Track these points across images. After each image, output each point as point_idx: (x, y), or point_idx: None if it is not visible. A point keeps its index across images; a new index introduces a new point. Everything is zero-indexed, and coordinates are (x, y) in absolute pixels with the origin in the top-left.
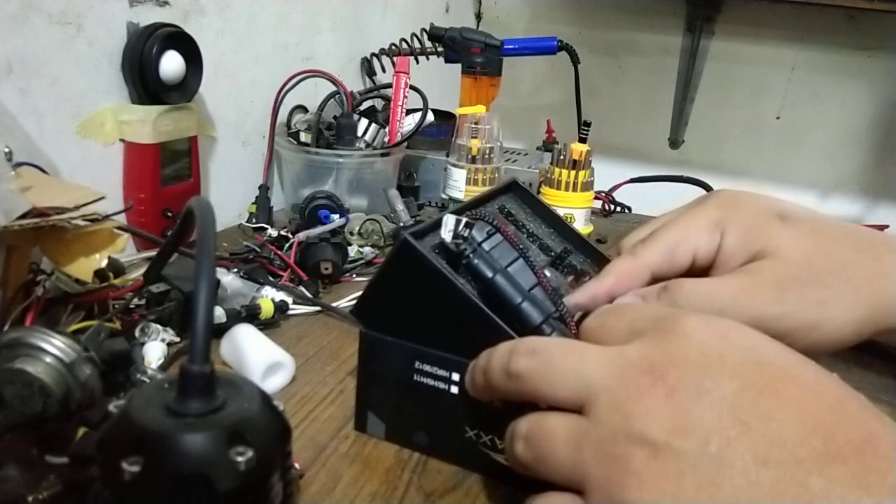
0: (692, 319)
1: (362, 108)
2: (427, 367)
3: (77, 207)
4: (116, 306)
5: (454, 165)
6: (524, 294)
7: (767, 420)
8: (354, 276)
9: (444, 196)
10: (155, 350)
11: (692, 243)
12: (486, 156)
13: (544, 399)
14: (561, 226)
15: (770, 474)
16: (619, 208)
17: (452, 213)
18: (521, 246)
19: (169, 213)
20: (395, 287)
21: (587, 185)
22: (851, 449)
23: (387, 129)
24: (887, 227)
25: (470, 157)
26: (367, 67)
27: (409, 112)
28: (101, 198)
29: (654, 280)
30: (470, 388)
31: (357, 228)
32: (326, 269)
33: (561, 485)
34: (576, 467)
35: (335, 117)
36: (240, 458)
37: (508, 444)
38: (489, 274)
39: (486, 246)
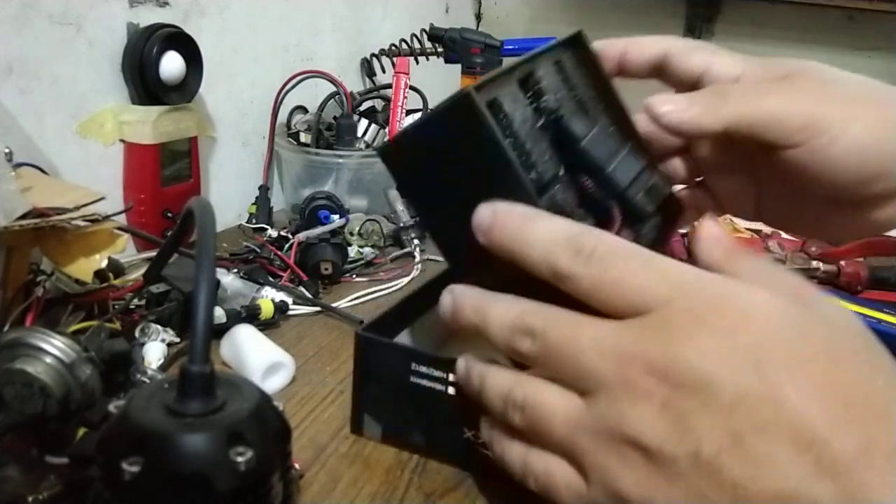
0: (696, 309)
1: (362, 108)
2: (423, 369)
3: (77, 208)
4: (116, 307)
5: None
6: (611, 157)
7: (760, 433)
8: (354, 276)
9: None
10: (155, 350)
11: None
12: None
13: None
14: (620, 113)
15: (757, 488)
16: None
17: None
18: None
19: (169, 214)
20: (436, 140)
21: None
22: (844, 463)
23: (387, 130)
24: None
25: None
26: (367, 68)
27: (409, 112)
28: (101, 198)
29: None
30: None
31: (357, 229)
32: (326, 269)
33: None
34: (572, 447)
35: (335, 118)
36: (239, 459)
37: (500, 404)
38: (580, 134)
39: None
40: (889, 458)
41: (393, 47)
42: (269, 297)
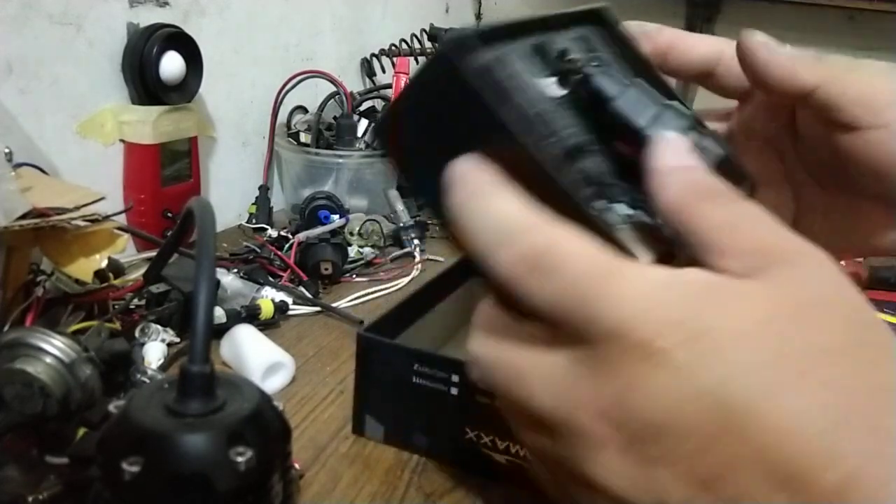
0: (654, 342)
1: (362, 108)
2: (426, 370)
3: (77, 208)
4: (116, 307)
5: None
6: (651, 118)
7: (730, 475)
8: (354, 276)
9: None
10: (155, 350)
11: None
12: None
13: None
14: (662, 87)
15: None
16: None
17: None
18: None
19: (169, 214)
20: (427, 108)
21: None
22: (826, 498)
23: None
24: None
25: None
26: (367, 68)
27: None
28: (101, 198)
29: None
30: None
31: (357, 229)
32: (326, 269)
33: None
34: (545, 465)
35: (335, 118)
36: (240, 459)
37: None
38: (613, 92)
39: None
40: (878, 488)
41: (393, 47)
42: (269, 297)
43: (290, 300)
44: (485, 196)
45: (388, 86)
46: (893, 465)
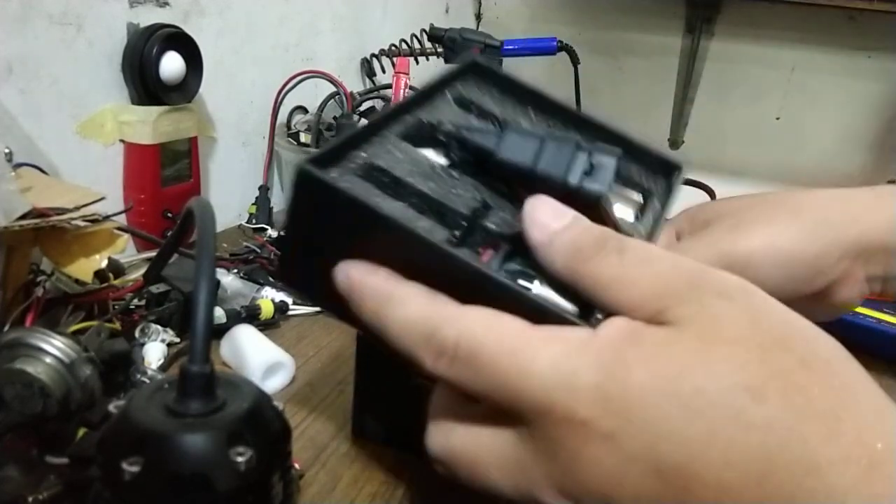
0: (577, 414)
1: (362, 108)
2: None
3: (77, 208)
4: (116, 307)
5: None
6: (535, 154)
7: None
8: None
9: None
10: (155, 350)
11: None
12: None
13: None
14: (553, 108)
15: None
16: None
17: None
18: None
19: (169, 214)
20: (313, 233)
21: None
22: None
23: None
24: None
25: None
26: (367, 68)
27: None
28: (101, 198)
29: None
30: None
31: None
32: None
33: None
34: (521, 490)
35: (335, 118)
36: (240, 459)
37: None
38: (491, 146)
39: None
40: None
41: (393, 47)
42: (269, 297)
43: (290, 300)
44: (389, 301)
45: (388, 86)
46: (840, 496)
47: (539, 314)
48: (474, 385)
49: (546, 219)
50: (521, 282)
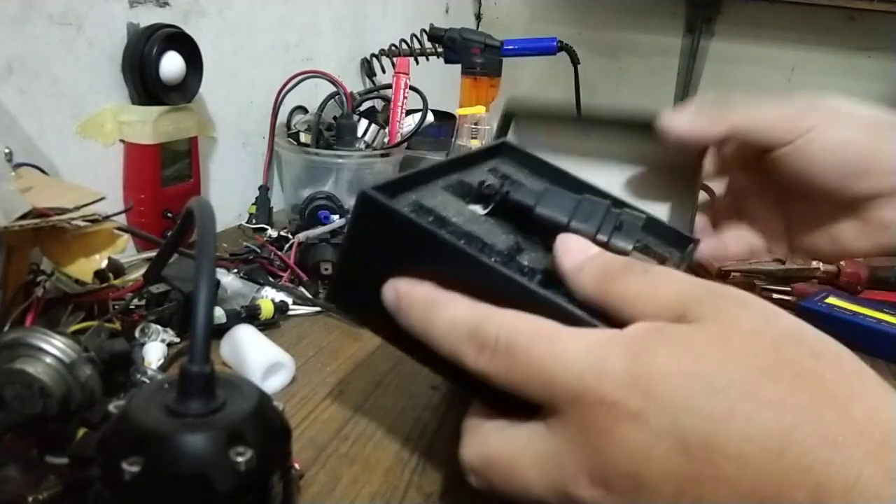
0: (607, 398)
1: (362, 108)
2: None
3: (77, 208)
4: (116, 307)
5: None
6: (570, 212)
7: None
8: None
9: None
10: (155, 350)
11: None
12: None
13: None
14: (577, 185)
15: None
16: None
17: (430, 170)
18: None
19: (169, 214)
20: (367, 255)
21: None
22: None
23: (387, 130)
24: None
25: None
26: (367, 68)
27: (408, 113)
28: (101, 198)
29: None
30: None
31: None
32: (326, 269)
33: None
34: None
35: (335, 118)
36: (240, 459)
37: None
38: (531, 202)
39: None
40: (847, 491)
41: (393, 47)
42: (269, 298)
43: (290, 300)
44: (435, 306)
45: (388, 86)
46: (856, 466)
47: (573, 324)
48: (513, 375)
49: (576, 249)
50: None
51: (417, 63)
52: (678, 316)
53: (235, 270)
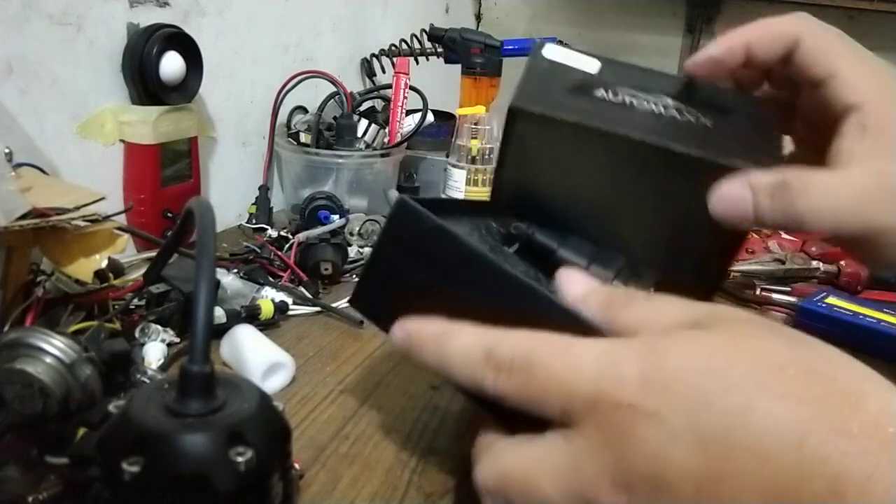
0: (622, 402)
1: (362, 108)
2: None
3: (77, 208)
4: (116, 307)
5: (454, 166)
6: (590, 257)
7: None
8: (354, 276)
9: (444, 196)
10: (155, 350)
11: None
12: (486, 156)
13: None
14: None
15: None
16: None
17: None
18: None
19: (169, 214)
20: (396, 260)
21: None
22: None
23: (387, 130)
24: None
25: (470, 157)
26: (367, 68)
27: (408, 113)
28: (102, 198)
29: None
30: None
31: (357, 229)
32: (326, 269)
33: None
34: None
35: (335, 118)
36: (240, 459)
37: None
38: (554, 245)
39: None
40: (864, 482)
41: (393, 47)
42: (269, 298)
43: (290, 300)
44: (446, 338)
45: (388, 86)
46: (872, 457)
47: (587, 334)
48: (531, 391)
49: (579, 280)
50: None
51: (417, 63)
52: (686, 326)
53: (235, 270)
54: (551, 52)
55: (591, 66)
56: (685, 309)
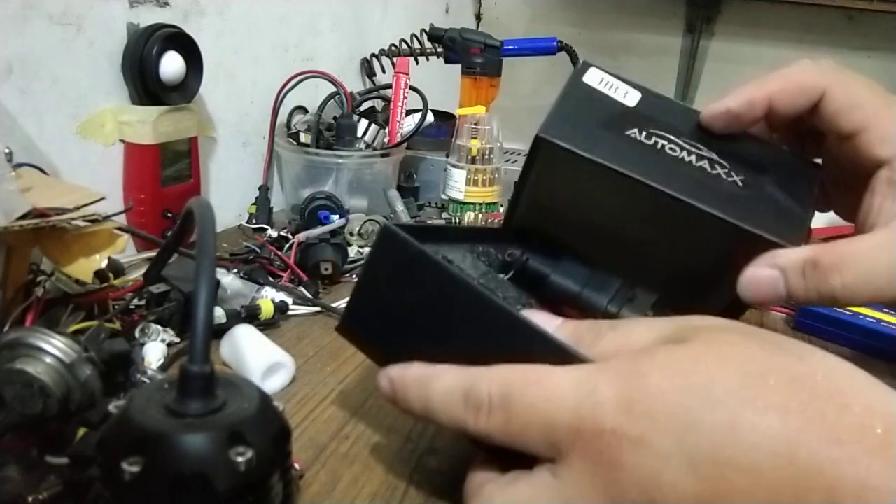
0: (605, 430)
1: (362, 108)
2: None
3: (77, 208)
4: (116, 307)
5: (454, 166)
6: (583, 283)
7: None
8: (354, 276)
9: (443, 197)
10: (155, 350)
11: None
12: (486, 156)
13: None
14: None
15: None
16: None
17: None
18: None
19: (169, 214)
20: (383, 283)
21: None
22: None
23: (387, 130)
24: None
25: (470, 157)
26: (367, 68)
27: (408, 113)
28: (102, 198)
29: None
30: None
31: (357, 229)
32: (326, 269)
33: None
34: None
35: (335, 118)
36: (240, 459)
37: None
38: (548, 271)
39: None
40: (860, 489)
41: (393, 47)
42: (269, 298)
43: (290, 300)
44: (428, 381)
45: (388, 86)
46: (863, 461)
47: (568, 362)
48: (512, 427)
49: (544, 319)
50: None
51: (417, 63)
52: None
53: (235, 270)
54: (592, 77)
55: (630, 97)
56: (655, 326)
